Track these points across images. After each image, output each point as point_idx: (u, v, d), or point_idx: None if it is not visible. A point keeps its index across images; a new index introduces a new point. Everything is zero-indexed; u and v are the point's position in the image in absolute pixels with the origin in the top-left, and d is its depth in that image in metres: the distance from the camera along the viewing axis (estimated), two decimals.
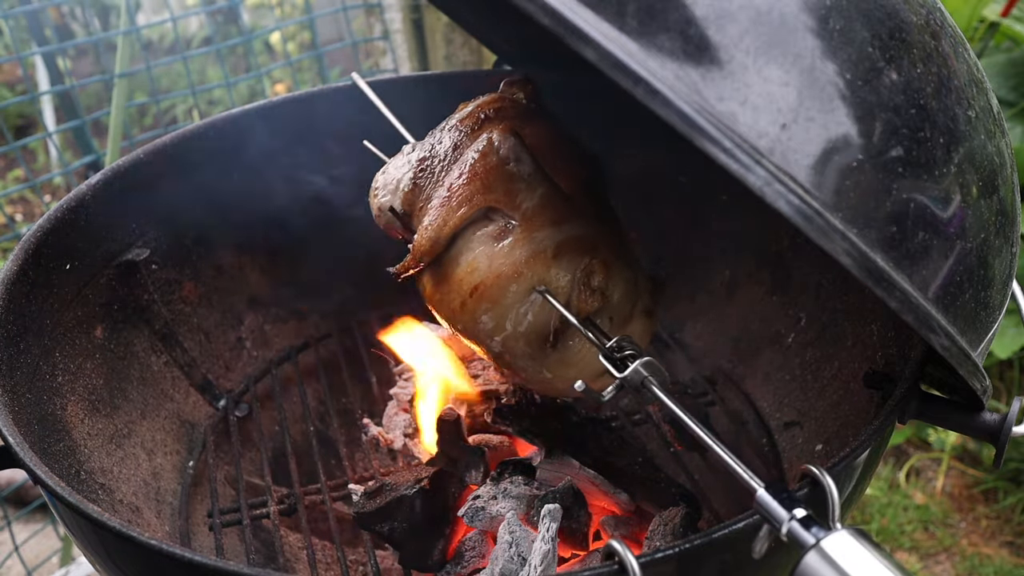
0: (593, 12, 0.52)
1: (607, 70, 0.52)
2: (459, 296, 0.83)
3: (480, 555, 0.92)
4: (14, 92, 3.64)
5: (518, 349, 0.83)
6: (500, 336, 0.83)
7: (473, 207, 0.83)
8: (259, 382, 1.24)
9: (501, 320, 0.82)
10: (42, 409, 0.89)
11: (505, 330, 0.83)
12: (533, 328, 0.82)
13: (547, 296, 0.81)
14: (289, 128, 1.21)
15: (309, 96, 1.23)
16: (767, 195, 0.52)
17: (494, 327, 0.83)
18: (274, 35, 3.21)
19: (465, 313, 0.83)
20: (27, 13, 1.76)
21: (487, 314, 0.83)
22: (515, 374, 0.88)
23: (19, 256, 0.93)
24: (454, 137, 0.88)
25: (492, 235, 0.83)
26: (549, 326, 0.82)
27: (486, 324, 0.83)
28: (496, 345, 0.84)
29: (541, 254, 0.82)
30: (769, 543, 0.59)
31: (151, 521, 0.98)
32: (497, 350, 0.84)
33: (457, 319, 0.85)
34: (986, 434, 0.75)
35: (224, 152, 1.17)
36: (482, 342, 0.85)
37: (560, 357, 0.84)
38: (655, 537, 0.89)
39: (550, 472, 0.95)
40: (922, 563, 1.78)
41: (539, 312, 0.82)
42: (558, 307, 0.80)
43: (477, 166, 0.84)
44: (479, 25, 1.30)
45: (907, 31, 0.60)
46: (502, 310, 0.82)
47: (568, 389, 0.85)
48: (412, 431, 1.12)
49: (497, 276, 0.82)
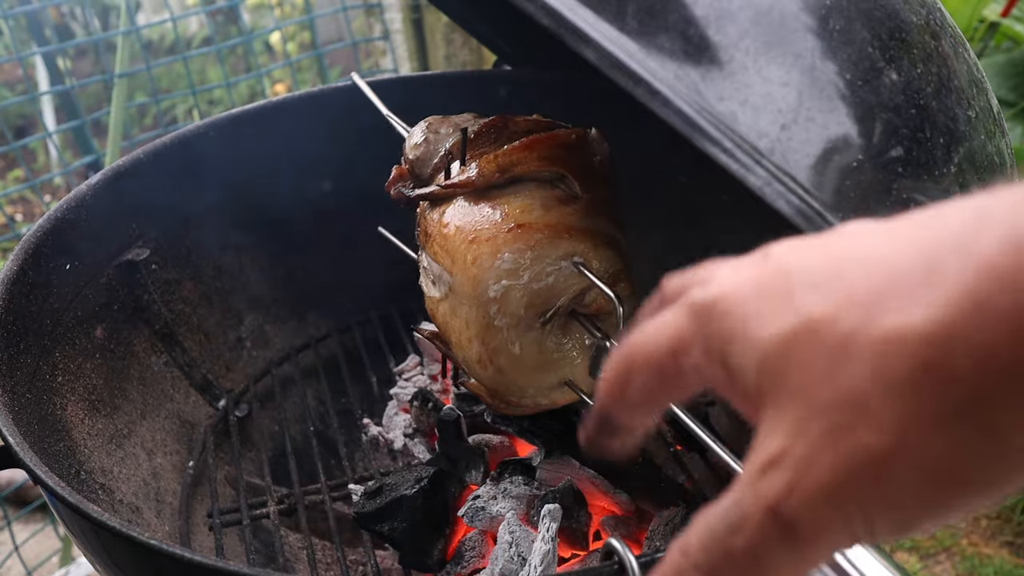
0: (593, 12, 0.53)
1: (607, 70, 0.52)
2: (494, 227, 0.80)
3: (480, 555, 0.92)
4: (14, 92, 3.64)
5: (513, 305, 0.79)
6: (509, 282, 0.79)
7: (554, 165, 0.81)
8: (259, 382, 1.24)
9: (522, 267, 0.79)
10: (42, 409, 0.89)
11: (519, 278, 0.79)
12: (545, 291, 0.80)
13: (582, 268, 0.79)
14: (290, 128, 1.21)
15: (309, 96, 1.23)
16: (767, 195, 0.52)
17: (509, 270, 0.79)
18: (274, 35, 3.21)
19: (488, 244, 0.80)
20: (27, 13, 1.76)
21: (514, 254, 0.79)
22: (479, 345, 0.83)
23: (19, 256, 0.93)
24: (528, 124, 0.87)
25: (556, 196, 0.82)
26: (556, 301, 0.80)
27: (503, 263, 0.79)
28: (495, 289, 0.79)
29: (593, 235, 0.80)
30: None
31: (151, 521, 0.98)
32: (491, 295, 0.80)
33: (472, 248, 0.80)
34: None
35: (224, 152, 1.17)
36: (480, 280, 0.80)
37: (542, 339, 0.81)
38: (655, 537, 0.89)
39: (550, 472, 0.95)
40: (922, 563, 1.78)
41: (560, 281, 0.79)
42: (592, 278, 0.78)
43: (566, 136, 0.83)
44: (479, 25, 1.31)
45: (907, 31, 0.60)
46: (531, 257, 0.79)
47: (528, 383, 0.82)
48: (412, 431, 1.12)
49: (547, 226, 0.80)
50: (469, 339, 0.83)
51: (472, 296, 0.81)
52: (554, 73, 1.27)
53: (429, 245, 0.87)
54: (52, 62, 2.03)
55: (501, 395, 0.87)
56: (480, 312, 0.81)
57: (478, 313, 0.81)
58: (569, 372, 0.83)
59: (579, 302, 0.81)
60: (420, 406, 1.11)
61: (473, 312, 0.82)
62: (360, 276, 1.28)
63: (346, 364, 1.27)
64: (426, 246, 0.88)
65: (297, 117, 1.22)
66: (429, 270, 0.88)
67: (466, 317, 0.82)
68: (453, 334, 0.85)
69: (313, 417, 1.20)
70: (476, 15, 1.28)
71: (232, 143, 1.18)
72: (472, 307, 0.82)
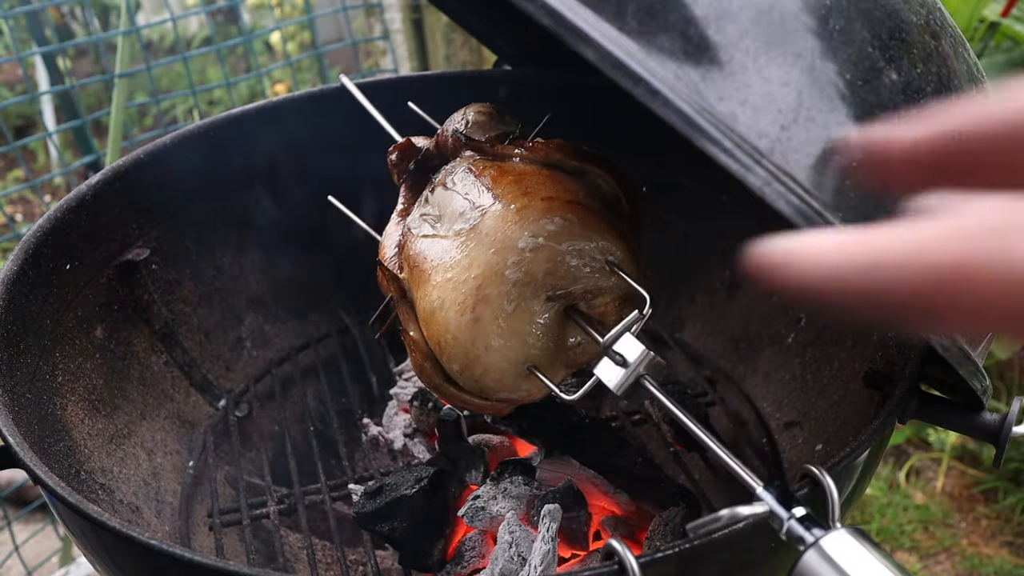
0: (593, 12, 0.53)
1: (607, 70, 0.52)
2: (555, 192, 0.79)
3: (480, 555, 0.92)
4: (14, 92, 3.64)
5: (538, 265, 0.76)
6: (547, 242, 0.77)
7: (614, 182, 0.84)
8: (259, 382, 1.24)
9: (566, 236, 0.77)
10: (42, 409, 0.89)
11: (558, 243, 0.77)
12: (571, 270, 0.78)
13: (616, 268, 0.78)
14: (290, 128, 1.21)
15: (309, 96, 1.23)
16: (767, 195, 0.52)
17: (553, 232, 0.77)
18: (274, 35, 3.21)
19: (543, 203, 0.78)
20: (27, 13, 1.76)
21: (565, 222, 0.77)
22: (471, 288, 0.78)
23: (19, 256, 0.93)
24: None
25: (611, 203, 0.83)
26: (572, 285, 0.78)
27: (551, 224, 0.77)
28: (529, 242, 0.76)
29: (632, 249, 0.80)
30: None
31: (151, 521, 0.98)
32: (521, 245, 0.76)
33: (524, 199, 0.79)
34: (986, 434, 0.75)
35: (224, 152, 1.17)
36: (518, 226, 0.77)
37: (537, 312, 0.78)
38: (655, 537, 0.89)
39: (550, 472, 0.95)
40: (922, 563, 1.78)
41: (587, 271, 0.78)
42: (626, 278, 0.78)
43: (623, 173, 0.86)
44: (479, 25, 1.31)
45: (907, 31, 0.60)
46: (578, 234, 0.78)
47: (498, 346, 0.77)
48: (412, 431, 1.12)
49: (604, 218, 0.80)
50: (462, 280, 0.79)
51: (499, 239, 0.78)
52: (554, 73, 1.27)
53: (458, 180, 0.84)
54: (52, 62, 2.03)
55: (450, 357, 0.80)
56: (497, 257, 0.77)
57: (494, 257, 0.77)
58: (539, 360, 0.79)
59: (588, 299, 0.79)
60: (420, 406, 1.11)
61: (488, 254, 0.78)
62: (360, 276, 1.28)
63: (346, 364, 1.27)
64: (443, 182, 0.86)
65: (297, 117, 1.22)
66: (437, 206, 0.85)
67: (475, 257, 0.78)
68: (438, 273, 0.80)
69: (313, 417, 1.20)
70: (476, 15, 1.28)
71: (232, 143, 1.18)
72: (490, 249, 0.78)
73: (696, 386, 1.19)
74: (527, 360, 0.79)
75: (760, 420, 1.13)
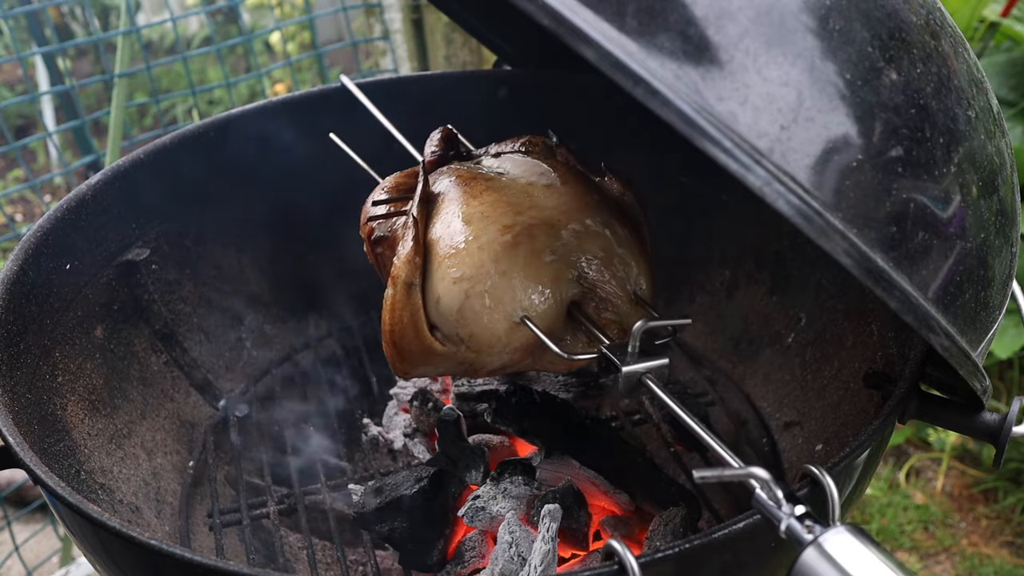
0: (593, 12, 0.53)
1: (607, 70, 0.52)
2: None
3: (480, 555, 0.92)
4: (14, 92, 3.64)
5: (586, 246, 0.83)
6: (597, 228, 0.85)
7: (636, 206, 0.93)
8: (259, 382, 1.24)
9: (609, 235, 0.84)
10: (42, 409, 0.89)
11: (602, 229, 0.84)
12: (601, 269, 0.83)
13: (642, 301, 0.85)
14: (289, 128, 1.21)
15: (309, 96, 1.23)
16: (767, 195, 0.52)
17: (605, 222, 0.85)
18: (274, 35, 3.21)
19: (598, 202, 0.86)
20: (27, 13, 1.76)
21: (619, 227, 0.86)
22: (507, 224, 0.82)
23: (19, 256, 0.93)
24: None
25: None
26: (595, 283, 0.83)
27: (606, 222, 0.85)
28: (587, 223, 0.85)
29: (649, 266, 0.88)
30: None
31: (151, 521, 0.98)
32: (573, 227, 0.83)
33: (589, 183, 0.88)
34: (986, 434, 0.75)
35: (224, 152, 1.17)
36: (583, 204, 0.86)
37: (559, 284, 0.82)
38: (655, 537, 0.89)
39: (550, 472, 0.95)
40: (922, 563, 1.78)
41: (609, 273, 0.83)
42: (651, 311, 0.86)
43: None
44: (479, 25, 1.31)
45: (907, 31, 0.60)
46: (620, 242, 0.85)
47: (503, 284, 0.79)
48: (412, 431, 1.12)
49: (641, 247, 0.88)
50: (526, 207, 0.83)
51: (576, 202, 0.85)
52: (554, 73, 1.27)
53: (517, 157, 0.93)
54: (52, 62, 2.03)
55: (462, 261, 0.80)
56: (565, 215, 0.84)
57: (561, 213, 0.84)
58: (538, 320, 0.81)
59: (601, 306, 0.83)
60: (420, 406, 1.11)
61: (560, 203, 0.85)
62: (360, 276, 1.28)
63: (346, 364, 1.27)
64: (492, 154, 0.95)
65: (297, 117, 1.22)
66: (508, 161, 0.93)
67: (547, 199, 0.85)
68: (505, 192, 0.85)
69: (313, 417, 1.20)
70: (476, 15, 1.28)
71: (232, 143, 1.18)
72: (563, 204, 0.85)
73: (696, 386, 1.18)
74: (529, 310, 0.80)
75: (760, 420, 1.13)
